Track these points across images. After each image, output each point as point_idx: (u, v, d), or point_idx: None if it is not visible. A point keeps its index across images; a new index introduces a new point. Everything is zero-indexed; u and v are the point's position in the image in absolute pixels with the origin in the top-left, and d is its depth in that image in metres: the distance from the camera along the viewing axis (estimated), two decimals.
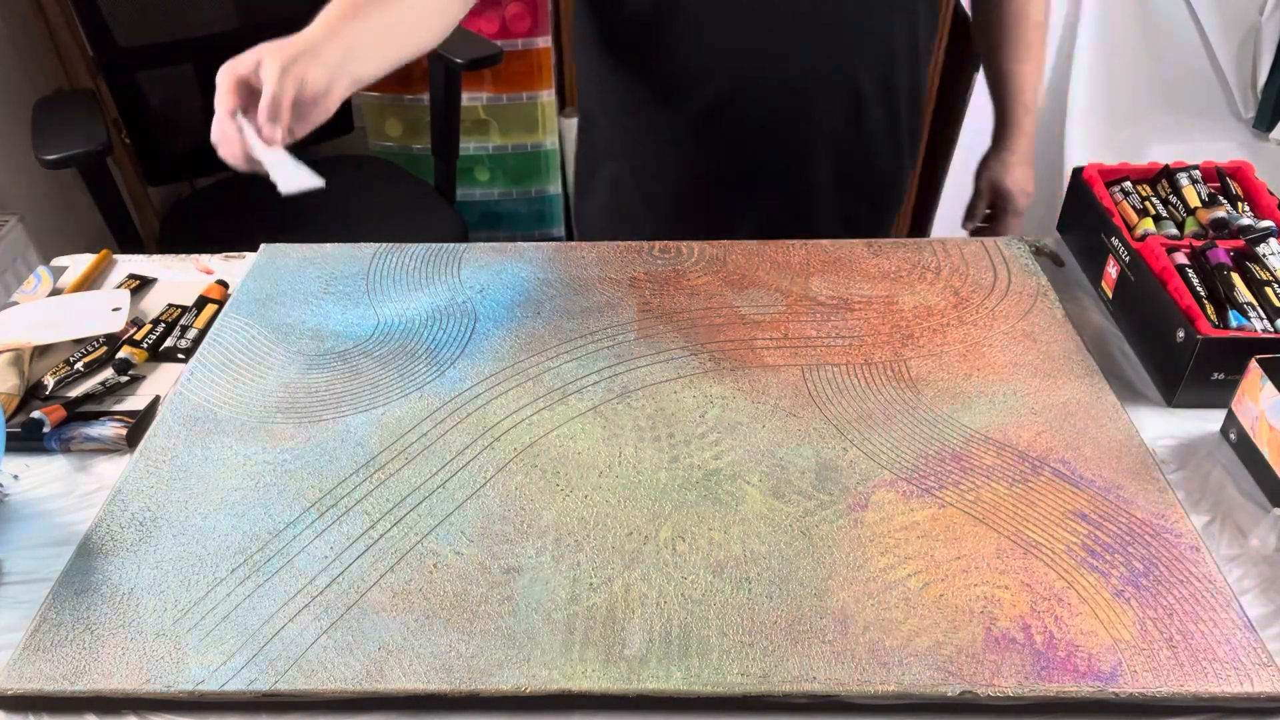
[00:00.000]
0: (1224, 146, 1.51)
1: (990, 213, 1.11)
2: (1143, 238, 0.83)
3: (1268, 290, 0.77)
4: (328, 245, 0.95)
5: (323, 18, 0.74)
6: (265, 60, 0.68)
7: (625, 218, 1.08)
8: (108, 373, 0.80)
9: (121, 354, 0.81)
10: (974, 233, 1.15)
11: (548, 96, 2.03)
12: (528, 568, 0.62)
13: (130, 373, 0.80)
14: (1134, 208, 0.88)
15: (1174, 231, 0.85)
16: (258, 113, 0.68)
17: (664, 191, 1.04)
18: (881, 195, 1.07)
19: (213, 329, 0.84)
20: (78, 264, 0.95)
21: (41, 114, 1.36)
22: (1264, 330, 0.74)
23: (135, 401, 0.78)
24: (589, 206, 1.12)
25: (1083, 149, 1.51)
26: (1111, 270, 0.86)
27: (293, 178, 0.69)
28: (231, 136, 0.69)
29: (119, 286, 0.91)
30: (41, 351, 0.83)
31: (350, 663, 0.56)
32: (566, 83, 2.12)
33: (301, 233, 1.21)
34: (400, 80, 1.96)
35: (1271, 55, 1.56)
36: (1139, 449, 0.70)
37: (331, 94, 0.70)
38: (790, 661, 0.56)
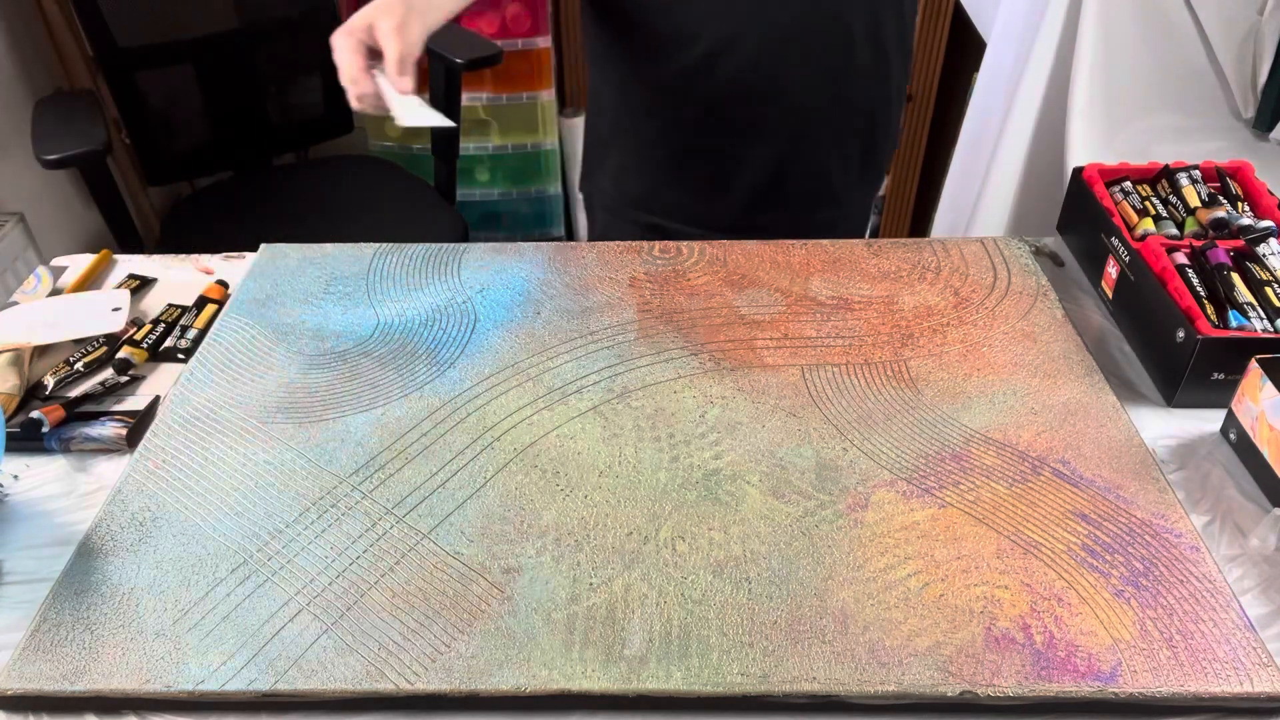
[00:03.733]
0: (1224, 146, 1.51)
1: None
2: (1143, 238, 0.83)
3: (1268, 290, 0.77)
4: (328, 245, 0.95)
5: None
6: (380, 24, 0.79)
7: (630, 179, 1.10)
8: (108, 373, 0.80)
9: (121, 354, 0.81)
10: None
11: (548, 96, 2.03)
12: (528, 568, 0.62)
13: (130, 373, 0.80)
14: (1134, 208, 0.88)
15: (1174, 231, 0.85)
16: (386, 67, 0.79)
17: (665, 144, 1.05)
18: (873, 134, 1.09)
19: (213, 329, 0.84)
20: (78, 264, 0.95)
21: (41, 114, 1.36)
22: (1264, 330, 0.74)
23: (135, 401, 0.78)
24: (600, 181, 1.14)
25: (1083, 149, 1.51)
26: (1111, 270, 0.86)
27: (427, 117, 0.81)
28: (368, 88, 0.79)
29: (119, 286, 0.91)
30: (41, 351, 0.83)
31: (350, 663, 0.56)
32: (566, 83, 2.12)
33: (301, 233, 1.21)
34: None
35: (1271, 55, 1.56)
36: (1139, 449, 0.70)
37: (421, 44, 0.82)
38: (790, 661, 0.56)
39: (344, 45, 0.79)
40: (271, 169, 1.73)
